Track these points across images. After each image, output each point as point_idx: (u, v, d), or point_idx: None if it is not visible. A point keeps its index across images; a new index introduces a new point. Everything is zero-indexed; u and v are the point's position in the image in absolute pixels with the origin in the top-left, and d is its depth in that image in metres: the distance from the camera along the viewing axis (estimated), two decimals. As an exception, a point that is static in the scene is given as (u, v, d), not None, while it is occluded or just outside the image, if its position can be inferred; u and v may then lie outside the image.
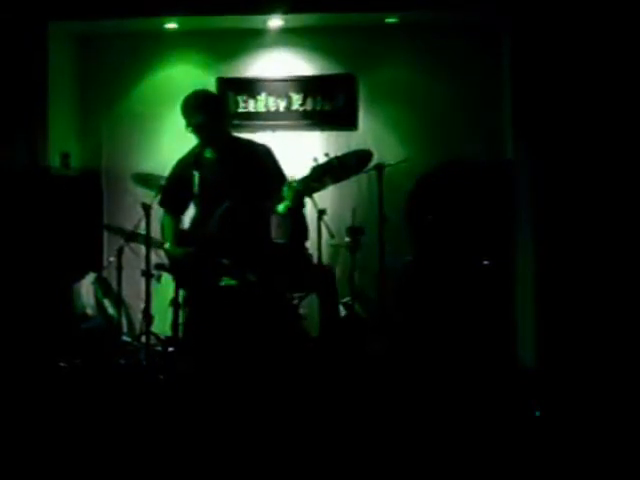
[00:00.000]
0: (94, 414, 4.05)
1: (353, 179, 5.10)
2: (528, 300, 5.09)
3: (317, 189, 4.14)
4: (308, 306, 4.82)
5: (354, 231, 5.45)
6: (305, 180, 3.93)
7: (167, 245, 4.44)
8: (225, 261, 4.05)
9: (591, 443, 3.58)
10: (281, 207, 3.99)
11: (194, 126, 4.18)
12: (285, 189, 3.97)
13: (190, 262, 4.22)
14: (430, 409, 4.09)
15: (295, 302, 4.56)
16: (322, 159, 4.44)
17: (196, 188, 4.12)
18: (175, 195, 4.44)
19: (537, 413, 3.96)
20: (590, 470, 3.35)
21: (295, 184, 3.98)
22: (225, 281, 4.09)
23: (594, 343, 4.72)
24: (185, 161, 4.39)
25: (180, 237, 4.40)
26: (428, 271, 5.44)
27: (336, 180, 4.07)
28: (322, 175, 3.92)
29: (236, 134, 4.56)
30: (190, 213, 4.50)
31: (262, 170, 4.22)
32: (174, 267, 4.43)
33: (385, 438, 3.72)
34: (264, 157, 4.31)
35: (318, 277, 4.60)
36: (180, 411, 4.00)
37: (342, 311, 5.29)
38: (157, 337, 5.21)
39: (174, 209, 4.49)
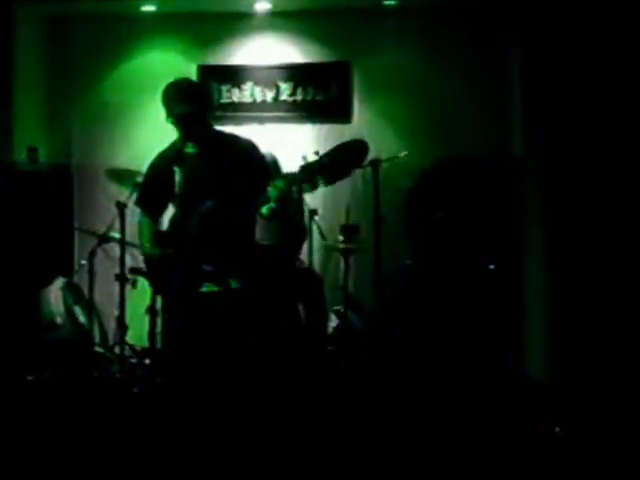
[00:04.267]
0: (64, 431, 3.98)
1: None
2: (538, 308, 5.00)
3: (306, 190, 4.01)
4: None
5: (348, 230, 5.34)
6: (292, 181, 3.81)
7: (145, 247, 4.30)
8: (207, 267, 3.95)
9: (605, 459, 3.52)
10: (265, 209, 3.86)
11: (175, 117, 4.05)
12: (270, 189, 3.84)
13: (168, 265, 4.09)
14: (434, 424, 4.03)
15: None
16: (312, 157, 4.28)
17: (177, 185, 4.01)
18: (154, 193, 4.29)
19: (556, 429, 3.89)
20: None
21: (281, 184, 3.83)
22: (207, 287, 3.97)
23: (610, 356, 4.58)
24: (165, 156, 4.24)
25: (158, 238, 4.28)
26: (429, 276, 5.35)
27: (329, 181, 3.82)
28: (312, 176, 3.75)
29: (219, 127, 4.44)
30: (169, 212, 4.35)
31: (247, 167, 4.10)
32: (151, 271, 4.30)
33: (387, 457, 3.66)
34: (249, 153, 4.21)
35: (304, 283, 4.53)
36: (157, 428, 3.91)
37: (334, 320, 5.23)
38: (132, 348, 5.18)
39: (152, 209, 4.34)
